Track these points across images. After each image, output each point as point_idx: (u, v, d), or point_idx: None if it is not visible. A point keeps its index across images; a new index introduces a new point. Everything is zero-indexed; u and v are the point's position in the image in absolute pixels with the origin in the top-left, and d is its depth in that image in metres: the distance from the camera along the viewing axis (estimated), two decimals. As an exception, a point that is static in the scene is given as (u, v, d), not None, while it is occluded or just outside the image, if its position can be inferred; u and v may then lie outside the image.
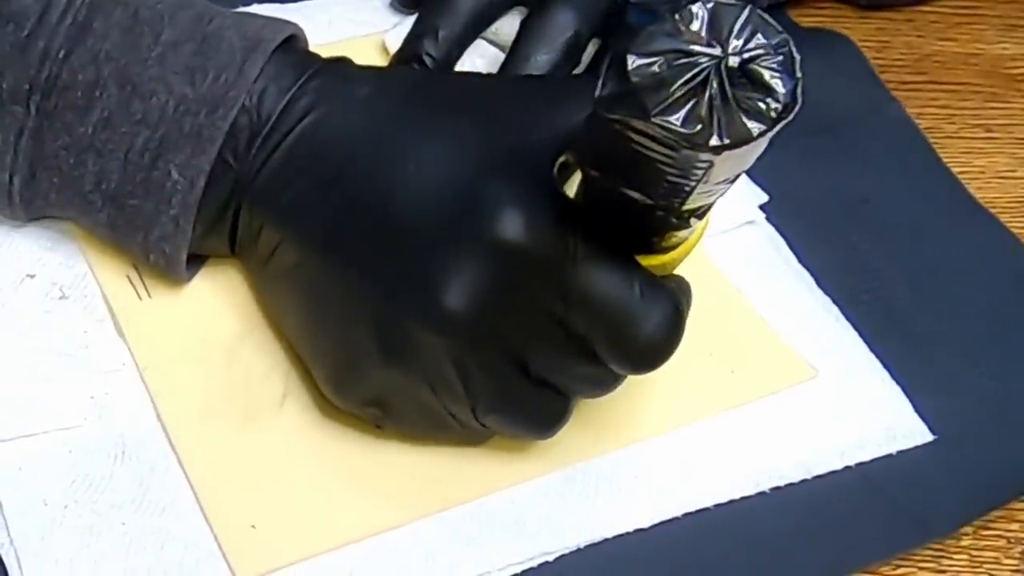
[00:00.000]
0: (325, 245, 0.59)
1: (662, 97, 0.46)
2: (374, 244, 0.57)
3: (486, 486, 0.61)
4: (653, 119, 0.46)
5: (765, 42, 0.46)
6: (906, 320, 0.69)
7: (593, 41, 0.73)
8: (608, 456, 0.62)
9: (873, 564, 0.62)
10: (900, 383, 0.66)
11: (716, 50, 0.46)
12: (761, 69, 0.46)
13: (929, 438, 0.65)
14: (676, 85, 0.45)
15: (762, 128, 0.46)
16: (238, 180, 0.60)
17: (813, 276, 0.70)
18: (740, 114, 0.45)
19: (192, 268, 0.64)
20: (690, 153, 0.46)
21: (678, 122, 0.45)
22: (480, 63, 0.74)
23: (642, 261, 0.56)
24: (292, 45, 0.63)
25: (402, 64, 0.73)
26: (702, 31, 0.46)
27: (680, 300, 0.57)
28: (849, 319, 0.68)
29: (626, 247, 0.55)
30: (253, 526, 0.58)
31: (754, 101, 0.46)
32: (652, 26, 0.46)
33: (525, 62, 0.71)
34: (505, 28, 0.74)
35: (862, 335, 0.68)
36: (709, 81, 0.45)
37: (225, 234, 0.62)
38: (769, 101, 0.46)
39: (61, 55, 0.59)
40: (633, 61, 0.46)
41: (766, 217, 0.72)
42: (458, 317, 0.55)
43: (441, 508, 0.60)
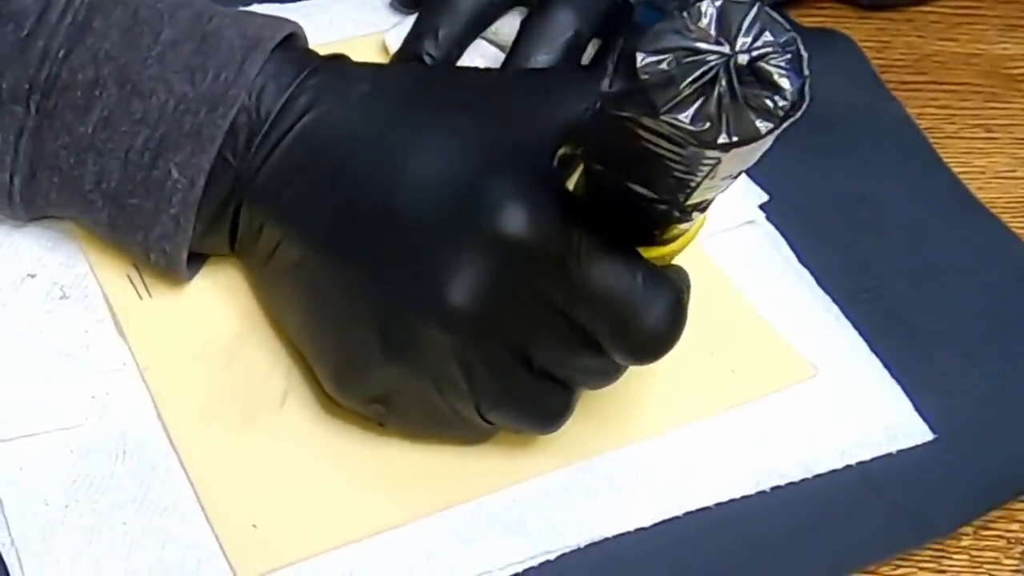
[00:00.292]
0: (327, 243, 0.59)
1: (671, 95, 0.46)
2: (376, 242, 0.57)
3: (487, 485, 0.61)
4: (662, 117, 0.46)
5: (773, 40, 0.46)
6: (906, 319, 0.69)
7: (593, 41, 0.73)
8: (609, 455, 0.62)
9: (873, 563, 0.62)
10: (900, 382, 0.66)
11: (725, 48, 0.46)
12: (769, 67, 0.46)
13: (929, 437, 0.65)
14: (685, 83, 0.46)
15: (770, 126, 0.46)
16: (238, 178, 0.60)
17: (813, 275, 0.70)
18: (749, 112, 0.46)
19: (193, 267, 0.64)
20: (698, 150, 0.46)
21: (687, 120, 0.46)
22: (480, 63, 0.74)
23: (643, 252, 0.56)
24: (292, 43, 0.63)
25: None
26: (711, 29, 0.46)
27: (681, 289, 0.57)
28: (849, 318, 0.69)
29: (628, 239, 0.56)
30: (254, 525, 0.58)
31: (762, 99, 0.46)
32: (661, 24, 0.46)
33: (525, 62, 0.71)
34: (505, 28, 0.74)
35: (862, 334, 0.68)
36: (718, 79, 0.46)
37: (225, 232, 0.62)
38: (777, 99, 0.46)
39: (61, 55, 0.59)
40: (642, 59, 0.46)
41: (766, 216, 0.72)
42: (462, 313, 0.55)
43: (442, 507, 0.60)
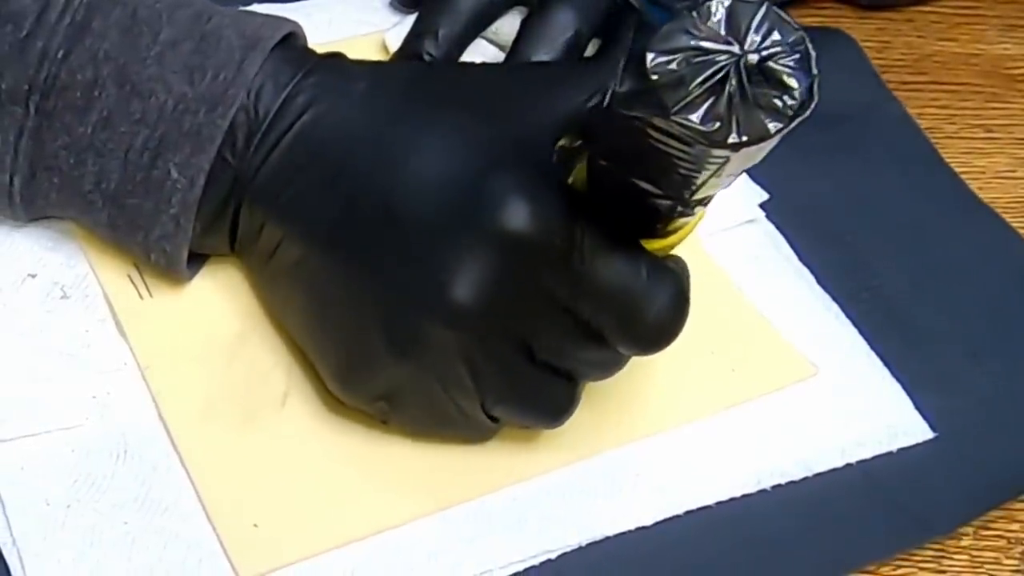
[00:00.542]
0: (329, 242, 0.59)
1: (681, 95, 0.46)
2: (379, 240, 0.57)
3: (487, 484, 0.61)
4: (673, 117, 0.46)
5: (782, 39, 0.46)
6: (907, 318, 0.69)
7: (593, 41, 0.73)
8: (609, 454, 0.62)
9: (874, 561, 0.62)
10: (901, 381, 0.66)
11: (735, 48, 0.46)
12: (779, 67, 0.46)
13: (930, 436, 0.65)
14: (695, 83, 0.46)
15: (780, 125, 0.46)
16: (238, 178, 0.60)
17: (813, 274, 0.70)
18: (758, 112, 0.46)
19: (193, 267, 0.64)
20: (707, 149, 0.46)
21: (697, 120, 0.46)
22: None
23: (644, 244, 0.56)
24: (291, 43, 0.63)
25: None
26: (720, 28, 0.46)
27: (683, 279, 0.57)
28: (850, 317, 0.69)
29: (630, 232, 0.56)
30: (255, 525, 0.58)
31: (771, 98, 0.46)
32: (670, 23, 0.46)
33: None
34: (505, 28, 0.74)
35: (863, 333, 0.68)
36: (728, 79, 0.46)
37: (225, 232, 0.62)
38: (786, 98, 0.46)
39: (60, 55, 0.59)
40: (652, 59, 0.46)
41: (766, 215, 0.72)
42: (467, 310, 0.55)
43: (443, 506, 0.60)
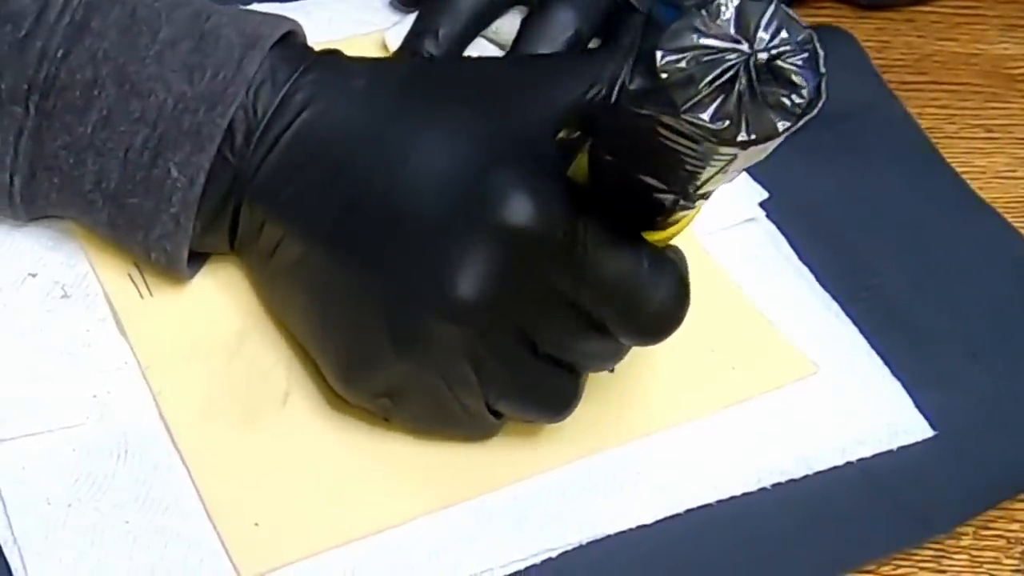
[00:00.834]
0: (330, 240, 0.59)
1: (691, 94, 0.46)
2: (380, 237, 0.57)
3: (488, 483, 0.61)
4: (683, 115, 0.46)
5: (790, 38, 0.46)
6: (907, 316, 0.69)
7: (594, 40, 0.73)
8: (610, 453, 0.62)
9: (874, 559, 0.62)
10: (901, 379, 0.66)
11: (744, 46, 0.46)
12: (787, 65, 0.46)
13: (930, 434, 0.65)
14: (705, 82, 0.46)
15: (788, 124, 0.46)
16: (237, 177, 0.60)
17: (813, 273, 0.70)
18: (767, 110, 0.46)
19: (194, 266, 0.64)
20: (715, 147, 0.47)
21: (707, 118, 0.46)
22: (480, 62, 0.75)
23: (644, 236, 0.56)
24: (290, 41, 0.63)
25: None
26: (729, 27, 0.46)
27: (682, 269, 0.58)
28: (850, 315, 0.69)
29: (631, 224, 0.56)
30: (256, 524, 0.58)
31: (780, 97, 0.46)
32: (679, 22, 0.47)
33: None
34: (505, 27, 0.74)
35: (863, 331, 0.68)
36: (738, 78, 0.46)
37: (225, 231, 0.62)
38: (794, 97, 0.46)
39: (59, 55, 0.59)
40: (662, 57, 0.46)
41: (766, 214, 0.72)
42: (470, 305, 0.55)
43: (444, 505, 0.60)
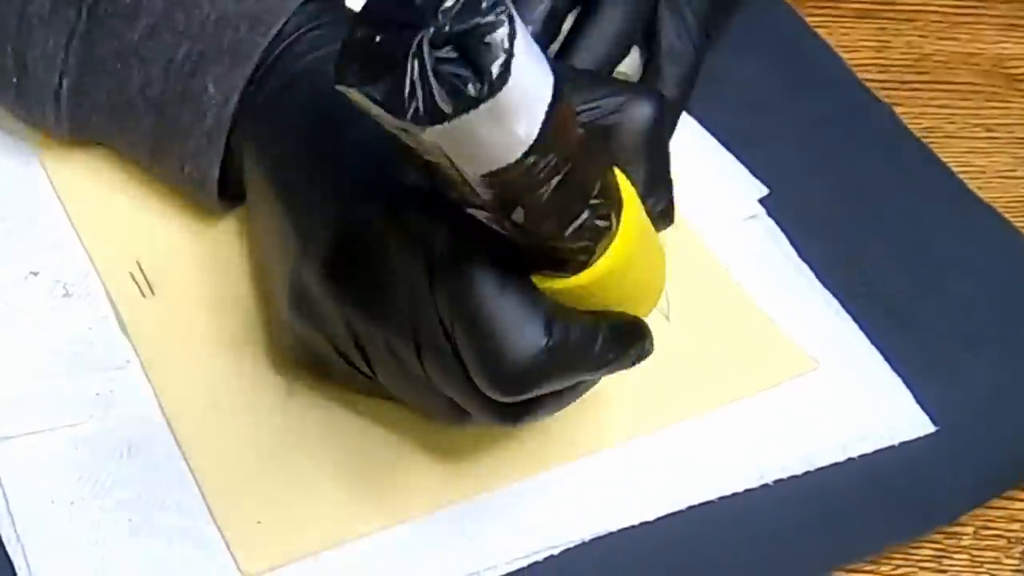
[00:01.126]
0: (271, 179, 0.59)
1: (368, 66, 0.44)
2: (307, 191, 0.57)
3: (489, 482, 0.61)
4: (361, 88, 0.44)
5: (482, 15, 0.43)
6: (907, 312, 0.69)
7: (572, 12, 0.73)
8: (611, 451, 0.62)
9: (875, 554, 0.62)
10: (901, 374, 0.66)
11: (432, 22, 0.44)
12: (471, 43, 0.43)
13: (931, 429, 0.65)
14: (385, 55, 0.44)
15: (456, 103, 0.43)
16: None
17: (813, 269, 0.70)
18: (440, 88, 0.43)
19: (223, 204, 0.65)
20: (402, 126, 0.44)
21: (380, 91, 0.44)
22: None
23: (553, 284, 0.52)
24: None
25: None
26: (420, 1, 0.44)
27: (569, 334, 0.52)
28: (849, 312, 0.68)
29: (517, 263, 0.52)
30: (259, 522, 0.58)
31: (454, 76, 0.43)
32: None
33: None
34: None
35: (863, 327, 0.68)
36: (417, 53, 0.43)
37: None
38: (471, 77, 0.43)
39: None
40: (357, 32, 0.45)
41: (766, 211, 0.72)
42: (344, 286, 0.55)
43: (446, 503, 0.60)
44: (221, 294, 0.64)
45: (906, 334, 0.68)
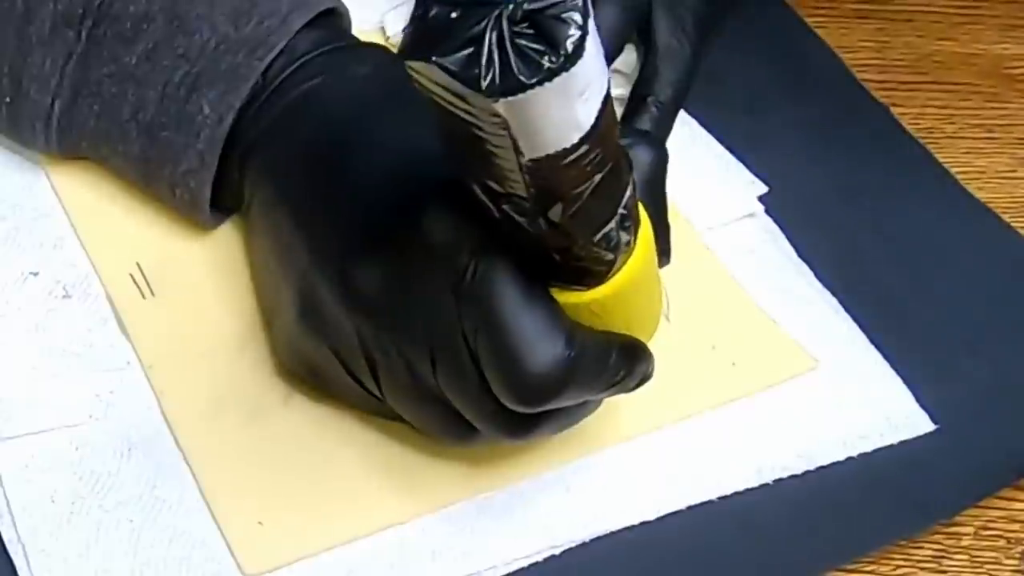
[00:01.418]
0: (278, 199, 0.60)
1: (444, 39, 0.45)
2: (320, 209, 0.58)
3: (491, 482, 0.61)
4: (433, 60, 0.45)
5: None
6: (905, 310, 0.69)
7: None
8: (612, 450, 0.62)
9: (877, 552, 0.62)
10: (900, 373, 0.66)
11: None
12: (546, 19, 0.44)
13: (930, 428, 0.65)
14: (462, 29, 0.45)
15: (534, 78, 0.44)
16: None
17: (812, 268, 0.70)
18: (517, 62, 0.44)
19: (216, 217, 0.65)
20: (474, 99, 0.45)
21: (455, 64, 0.44)
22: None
23: (568, 298, 0.53)
24: (333, 19, 0.65)
25: None
26: None
27: (585, 349, 0.53)
28: (848, 310, 0.68)
29: (537, 274, 0.53)
30: (260, 523, 0.58)
31: (532, 50, 0.44)
32: None
33: None
34: None
35: (861, 326, 0.68)
36: (495, 27, 0.44)
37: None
38: (548, 51, 0.44)
39: None
40: (432, 9, 0.45)
41: (765, 209, 0.72)
42: (362, 296, 0.55)
43: (446, 503, 0.60)
44: (221, 295, 0.64)
45: (906, 333, 0.68)
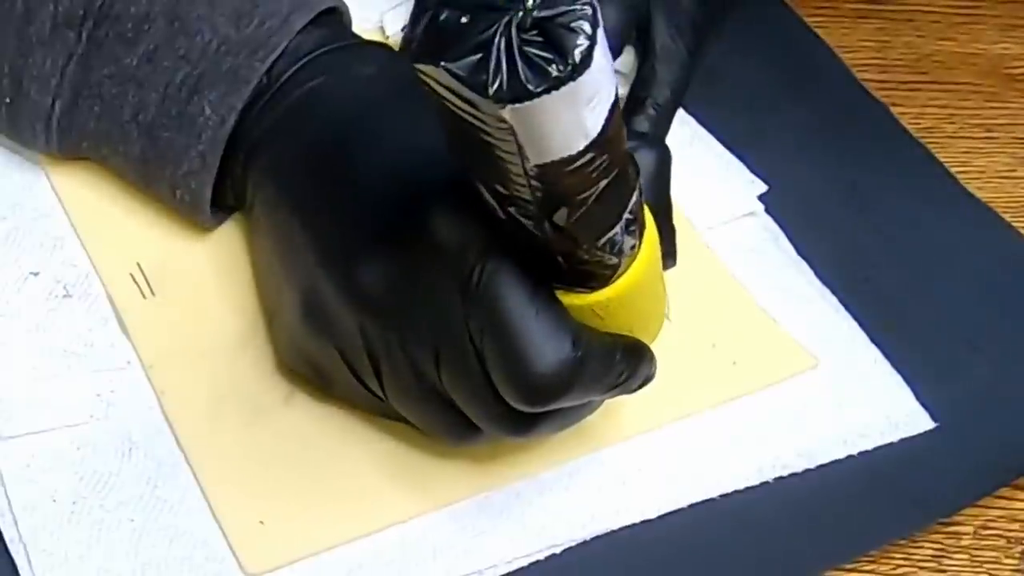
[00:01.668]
0: (282, 199, 0.60)
1: (453, 45, 0.45)
2: (324, 208, 0.58)
3: (492, 480, 0.61)
4: (442, 64, 0.45)
5: (568, 4, 0.45)
6: (905, 308, 0.69)
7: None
8: (612, 448, 0.62)
9: (877, 551, 0.62)
10: (900, 371, 0.66)
11: (520, 6, 0.45)
12: (555, 27, 0.44)
13: (931, 426, 0.65)
14: (471, 35, 0.45)
15: (541, 86, 0.44)
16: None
17: (812, 266, 0.70)
18: (525, 69, 0.44)
19: (217, 216, 0.65)
20: (480, 104, 0.45)
21: (463, 69, 0.45)
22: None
23: (572, 300, 0.53)
24: (334, 18, 0.65)
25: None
26: None
27: (591, 350, 0.53)
28: (849, 309, 0.68)
29: (543, 275, 0.53)
30: (261, 522, 0.58)
31: (540, 58, 0.44)
32: None
33: None
34: None
35: (862, 324, 0.68)
36: (504, 34, 0.45)
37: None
38: (556, 60, 0.44)
39: None
40: (442, 13, 0.46)
41: (765, 208, 0.72)
42: (366, 295, 0.55)
43: (447, 503, 0.60)
44: (222, 294, 0.64)
45: (905, 331, 0.68)
